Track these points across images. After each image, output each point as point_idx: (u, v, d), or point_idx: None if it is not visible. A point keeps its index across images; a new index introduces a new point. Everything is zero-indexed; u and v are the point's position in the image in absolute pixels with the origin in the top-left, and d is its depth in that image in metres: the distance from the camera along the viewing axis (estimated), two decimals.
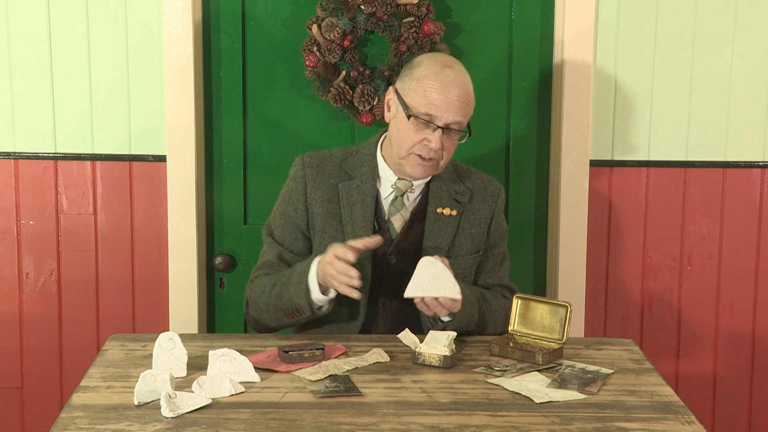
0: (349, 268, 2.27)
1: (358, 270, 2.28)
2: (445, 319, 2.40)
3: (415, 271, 2.31)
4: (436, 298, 2.30)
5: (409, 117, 2.40)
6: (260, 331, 2.57)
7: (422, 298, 2.31)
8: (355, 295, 2.29)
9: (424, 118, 2.39)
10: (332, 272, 2.30)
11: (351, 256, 2.28)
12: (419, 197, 2.55)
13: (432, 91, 2.38)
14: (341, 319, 2.52)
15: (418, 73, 2.43)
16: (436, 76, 2.40)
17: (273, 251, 2.54)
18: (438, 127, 2.39)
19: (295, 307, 2.40)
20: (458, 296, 2.29)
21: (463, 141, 2.49)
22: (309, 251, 2.53)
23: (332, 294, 2.38)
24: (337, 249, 2.30)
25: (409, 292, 2.31)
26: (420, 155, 2.42)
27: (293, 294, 2.39)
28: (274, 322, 2.50)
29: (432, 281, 2.29)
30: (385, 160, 2.53)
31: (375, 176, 2.53)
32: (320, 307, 2.41)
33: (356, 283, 2.27)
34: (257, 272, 2.55)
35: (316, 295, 2.37)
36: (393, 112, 2.48)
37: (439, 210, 2.53)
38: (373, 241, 2.34)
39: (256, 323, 2.56)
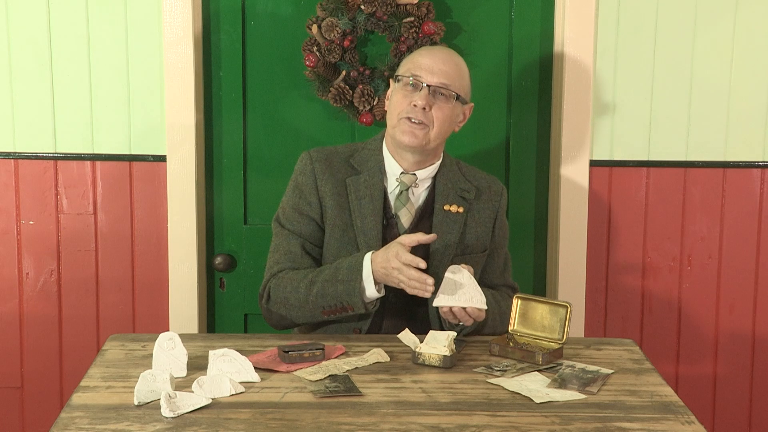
0: (422, 276, 2.28)
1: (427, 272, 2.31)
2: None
3: (443, 280, 2.33)
4: (464, 308, 2.33)
5: (397, 80, 2.51)
6: (276, 324, 2.54)
7: (450, 308, 2.34)
8: (426, 295, 2.31)
9: (411, 76, 2.48)
10: (402, 278, 2.31)
11: (423, 264, 2.29)
12: (425, 193, 2.56)
13: (420, 57, 2.53)
14: (352, 316, 2.51)
15: (410, 53, 2.60)
16: (425, 48, 2.61)
17: (294, 242, 2.52)
18: (424, 85, 2.46)
19: (342, 305, 2.40)
20: (485, 306, 2.32)
21: (459, 122, 2.56)
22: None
23: (383, 292, 2.40)
24: (403, 255, 2.30)
25: (438, 302, 2.33)
26: (409, 118, 2.46)
27: (342, 292, 2.39)
28: (305, 319, 2.48)
29: (460, 291, 2.32)
30: (391, 155, 2.55)
31: (381, 171, 2.54)
32: (374, 306, 2.43)
33: (430, 290, 2.29)
34: (280, 265, 2.51)
35: (371, 293, 2.39)
36: (390, 95, 2.57)
37: (446, 207, 2.54)
38: (427, 238, 2.34)
39: (281, 319, 2.52)
